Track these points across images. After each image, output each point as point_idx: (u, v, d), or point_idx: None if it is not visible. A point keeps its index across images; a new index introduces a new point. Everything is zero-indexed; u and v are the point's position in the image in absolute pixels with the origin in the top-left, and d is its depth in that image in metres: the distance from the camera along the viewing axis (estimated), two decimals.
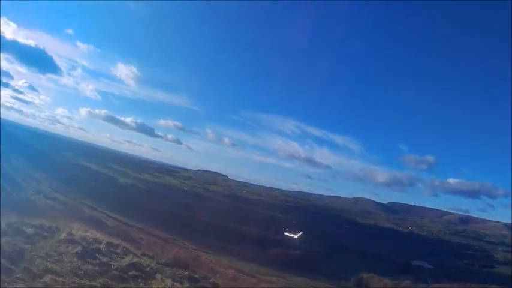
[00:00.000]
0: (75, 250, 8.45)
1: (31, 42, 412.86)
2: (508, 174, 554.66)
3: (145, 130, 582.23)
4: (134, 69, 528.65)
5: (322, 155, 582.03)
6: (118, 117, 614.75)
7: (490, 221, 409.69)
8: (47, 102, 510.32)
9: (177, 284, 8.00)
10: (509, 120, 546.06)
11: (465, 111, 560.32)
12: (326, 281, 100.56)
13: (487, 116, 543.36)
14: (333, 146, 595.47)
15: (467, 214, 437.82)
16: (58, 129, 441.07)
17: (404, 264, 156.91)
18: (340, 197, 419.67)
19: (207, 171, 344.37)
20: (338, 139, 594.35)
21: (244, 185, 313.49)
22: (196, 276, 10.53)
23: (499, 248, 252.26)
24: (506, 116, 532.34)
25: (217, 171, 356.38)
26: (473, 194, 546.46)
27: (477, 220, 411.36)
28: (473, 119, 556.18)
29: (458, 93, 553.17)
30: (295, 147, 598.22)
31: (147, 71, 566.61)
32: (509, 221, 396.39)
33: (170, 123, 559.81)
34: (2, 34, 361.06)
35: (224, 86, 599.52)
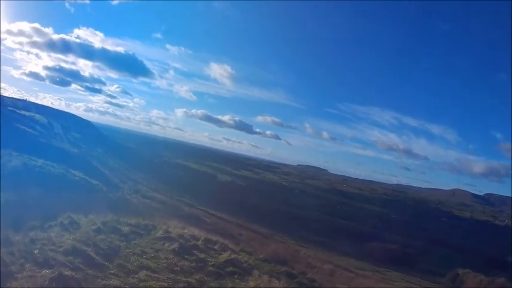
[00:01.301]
0: (172, 247, 8.46)
1: (120, 49, 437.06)
2: None
3: (243, 127, 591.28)
4: (228, 68, 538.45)
5: (419, 145, 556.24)
6: (215, 116, 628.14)
7: None
8: (141, 104, 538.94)
9: (274, 280, 7.64)
10: None
11: None
12: (421, 276, 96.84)
13: None
14: (430, 136, 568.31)
15: None
16: (154, 130, 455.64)
17: (500, 259, 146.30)
18: (437, 189, 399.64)
19: (306, 166, 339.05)
20: (435, 129, 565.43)
21: (344, 178, 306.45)
22: (294, 271, 10.16)
23: None
24: None
25: (317, 166, 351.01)
26: None
27: None
28: None
29: None
30: (392, 138, 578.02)
31: (241, 68, 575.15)
32: None
33: (268, 119, 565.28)
34: (91, 43, 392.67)
35: (320, 80, 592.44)
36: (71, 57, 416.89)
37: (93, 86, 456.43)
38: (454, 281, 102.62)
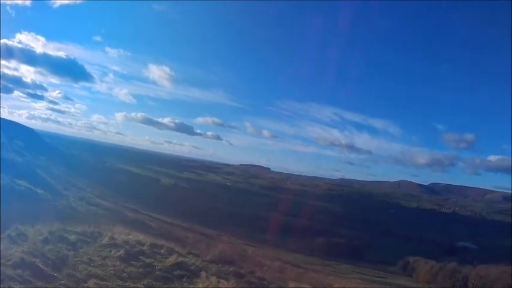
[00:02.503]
0: (119, 253, 8.47)
1: (61, 54, 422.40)
2: None
3: (184, 129, 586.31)
4: (167, 69, 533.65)
5: (362, 140, 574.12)
6: (155, 118, 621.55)
7: None
8: (82, 110, 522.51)
9: (223, 281, 7.87)
10: None
11: (503, 87, 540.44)
12: (372, 267, 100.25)
13: None
14: (373, 131, 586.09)
15: (510, 191, 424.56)
16: (96, 136, 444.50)
17: (449, 246, 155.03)
18: (382, 181, 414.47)
19: (249, 165, 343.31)
20: (377, 123, 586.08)
21: (287, 176, 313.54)
22: (242, 271, 10.41)
23: None
24: None
25: (260, 165, 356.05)
26: None
27: None
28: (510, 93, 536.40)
29: (493, 68, 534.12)
30: (334, 134, 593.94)
31: (181, 70, 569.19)
32: None
33: (209, 120, 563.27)
34: (33, 48, 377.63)
35: (258, 78, 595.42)
36: (13, 63, 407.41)
37: (35, 92, 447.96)
38: (405, 269, 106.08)
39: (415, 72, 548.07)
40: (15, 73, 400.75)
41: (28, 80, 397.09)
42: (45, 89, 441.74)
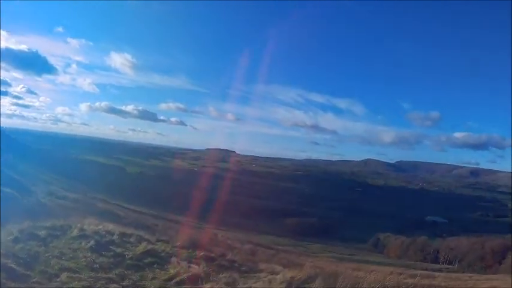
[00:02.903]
0: (89, 245, 8.55)
1: (24, 47, 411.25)
2: None
3: (148, 116, 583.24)
4: (129, 57, 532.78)
5: (327, 120, 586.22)
6: (119, 107, 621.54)
7: (500, 171, 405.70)
8: (46, 103, 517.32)
9: (194, 265, 8.08)
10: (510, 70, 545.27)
11: (465, 64, 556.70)
12: (343, 245, 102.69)
13: (488, 68, 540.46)
14: (337, 111, 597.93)
15: (477, 166, 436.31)
16: (61, 128, 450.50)
17: (418, 221, 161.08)
18: (349, 160, 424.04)
19: (215, 149, 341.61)
20: (341, 103, 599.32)
21: (254, 158, 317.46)
22: (213, 255, 10.59)
23: None
24: (507, 66, 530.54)
25: (225, 148, 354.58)
26: (481, 146, 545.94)
27: (487, 172, 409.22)
28: (474, 72, 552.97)
29: (456, 46, 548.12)
30: (299, 115, 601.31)
31: (142, 56, 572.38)
32: None
33: (172, 106, 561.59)
34: None
35: (221, 62, 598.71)
36: None
37: None
38: (376, 245, 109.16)
39: (378, 51, 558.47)
40: None
41: None
42: (9, 85, 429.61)
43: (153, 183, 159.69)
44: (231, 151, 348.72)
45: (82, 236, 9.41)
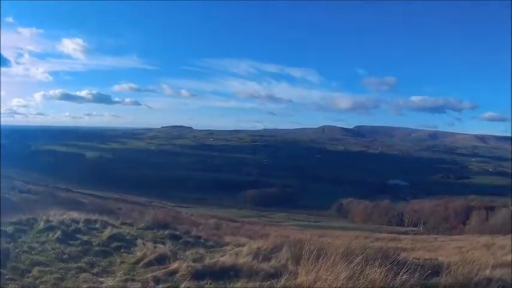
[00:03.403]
0: (56, 236, 8.49)
1: None
2: (472, 87, 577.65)
3: (102, 99, 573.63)
4: (80, 41, 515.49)
5: (281, 90, 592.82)
6: (73, 93, 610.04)
7: (458, 134, 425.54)
8: (1, 96, 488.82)
9: (160, 245, 8.24)
10: (465, 33, 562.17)
11: (419, 27, 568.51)
12: (307, 212, 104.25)
13: (442, 32, 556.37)
14: (292, 80, 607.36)
15: (436, 129, 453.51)
16: (18, 121, 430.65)
17: (380, 185, 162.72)
18: (306, 128, 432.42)
19: (170, 126, 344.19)
20: (295, 72, 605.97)
21: (210, 132, 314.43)
22: (178, 233, 10.76)
23: (473, 159, 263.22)
24: (460, 30, 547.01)
25: (181, 125, 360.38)
26: (438, 109, 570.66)
27: (446, 134, 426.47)
28: (428, 36, 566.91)
29: (410, 10, 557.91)
30: (253, 86, 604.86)
31: (93, 40, 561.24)
32: (479, 132, 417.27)
33: (125, 86, 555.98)
34: None
35: (171, 38, 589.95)
36: None
37: None
38: (340, 211, 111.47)
39: (330, 18, 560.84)
40: None
41: None
42: None
43: (112, 167, 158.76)
44: (187, 127, 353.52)
45: (49, 227, 9.34)
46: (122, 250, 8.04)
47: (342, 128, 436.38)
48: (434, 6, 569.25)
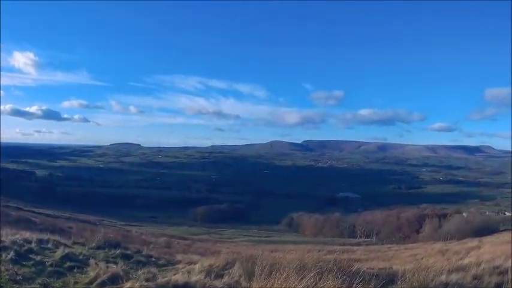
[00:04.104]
0: (9, 256, 8.21)
1: None
2: (421, 98, 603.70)
3: (52, 115, 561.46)
4: (31, 55, 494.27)
5: (229, 105, 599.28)
6: (23, 108, 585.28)
7: (408, 145, 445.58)
8: None
9: (112, 265, 8.10)
10: (413, 45, 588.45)
11: (367, 41, 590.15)
12: (257, 228, 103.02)
13: (389, 44, 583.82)
14: (239, 95, 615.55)
15: (385, 141, 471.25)
16: None
17: (330, 198, 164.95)
18: (254, 144, 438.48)
19: (119, 143, 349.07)
20: (242, 87, 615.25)
21: (159, 149, 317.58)
22: (129, 252, 10.62)
23: (424, 169, 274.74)
24: (407, 42, 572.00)
25: (130, 142, 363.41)
26: (387, 121, 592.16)
27: (396, 146, 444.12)
28: (374, 50, 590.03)
29: (356, 24, 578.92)
30: (201, 102, 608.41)
31: (45, 54, 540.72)
32: (429, 143, 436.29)
33: (74, 103, 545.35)
34: None
35: (121, 54, 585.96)
36: None
37: None
38: (291, 225, 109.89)
39: (277, 34, 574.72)
40: None
41: None
42: None
43: (62, 185, 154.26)
44: (136, 144, 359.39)
45: (1, 248, 9.03)
46: (75, 270, 7.85)
47: (290, 142, 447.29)
48: (380, 20, 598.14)
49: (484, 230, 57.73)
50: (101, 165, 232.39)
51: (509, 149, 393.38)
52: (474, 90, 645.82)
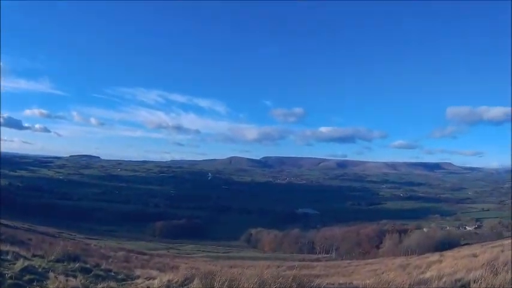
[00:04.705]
0: None
1: None
2: (382, 116, 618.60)
3: (13, 124, 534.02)
4: None
5: (189, 120, 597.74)
6: None
7: (368, 162, 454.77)
8: None
9: (71, 279, 7.95)
10: (374, 63, 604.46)
11: (327, 59, 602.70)
12: (216, 243, 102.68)
13: (351, 63, 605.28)
14: (199, 110, 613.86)
15: (345, 158, 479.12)
16: None
17: (289, 214, 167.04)
18: (213, 159, 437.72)
19: (79, 155, 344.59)
20: (203, 102, 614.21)
21: (118, 163, 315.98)
22: (88, 266, 10.46)
23: (383, 186, 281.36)
24: (370, 60, 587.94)
25: (89, 154, 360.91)
26: (348, 139, 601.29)
27: (355, 163, 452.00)
28: (335, 68, 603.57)
29: (317, 42, 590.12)
30: (161, 116, 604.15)
31: (9, 60, 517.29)
32: (389, 160, 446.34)
33: (36, 111, 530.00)
34: None
35: (84, 64, 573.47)
36: None
37: None
38: (249, 241, 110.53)
39: (238, 50, 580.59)
40: None
41: None
42: None
43: (22, 195, 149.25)
44: (95, 156, 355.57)
45: None
46: (34, 283, 7.68)
47: (249, 159, 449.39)
48: (341, 38, 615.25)
49: (445, 245, 59.23)
50: (61, 177, 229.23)
51: (469, 165, 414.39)
52: (435, 108, 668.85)
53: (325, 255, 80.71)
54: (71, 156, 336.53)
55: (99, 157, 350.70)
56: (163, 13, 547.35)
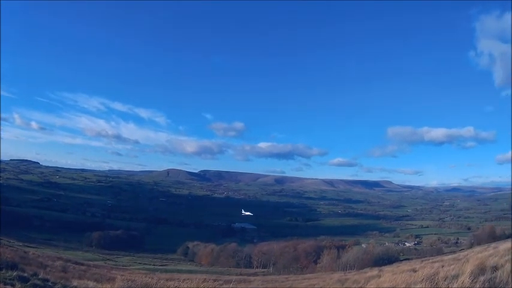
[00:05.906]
0: None
1: None
2: (322, 134, 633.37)
3: None
4: None
5: (129, 130, 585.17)
6: None
7: (307, 178, 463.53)
8: None
9: (9, 287, 7.58)
10: (317, 81, 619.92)
11: (272, 76, 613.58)
12: (152, 256, 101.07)
13: (293, 79, 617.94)
14: (139, 120, 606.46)
15: (283, 175, 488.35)
16: None
17: (226, 228, 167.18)
18: (151, 170, 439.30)
19: (19, 160, 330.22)
20: (143, 112, 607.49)
21: (57, 169, 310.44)
22: (26, 274, 10.06)
23: (321, 202, 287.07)
24: (312, 78, 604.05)
25: (29, 159, 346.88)
26: (286, 155, 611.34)
27: (293, 179, 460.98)
28: (277, 84, 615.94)
29: (256, 53, 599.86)
30: (101, 124, 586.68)
31: None
32: (328, 177, 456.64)
33: None
34: None
35: (29, 66, 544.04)
36: None
37: None
38: (186, 254, 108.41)
39: (180, 62, 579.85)
40: None
41: None
42: None
43: None
44: (35, 162, 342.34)
45: None
46: None
47: (187, 171, 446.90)
48: (284, 53, 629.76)
49: (384, 260, 61.15)
50: (0, 182, 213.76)
51: (409, 183, 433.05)
52: (376, 127, 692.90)
53: (263, 269, 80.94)
54: (11, 160, 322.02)
55: (38, 163, 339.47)
56: (109, 18, 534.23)
